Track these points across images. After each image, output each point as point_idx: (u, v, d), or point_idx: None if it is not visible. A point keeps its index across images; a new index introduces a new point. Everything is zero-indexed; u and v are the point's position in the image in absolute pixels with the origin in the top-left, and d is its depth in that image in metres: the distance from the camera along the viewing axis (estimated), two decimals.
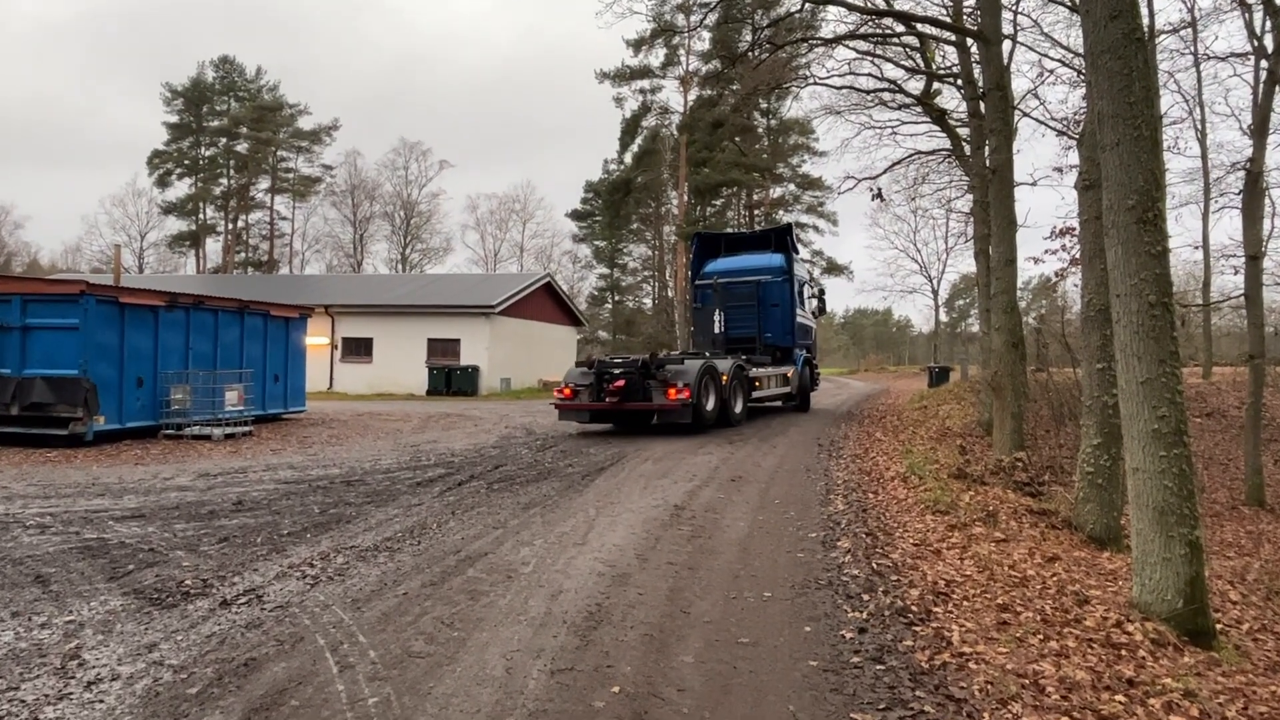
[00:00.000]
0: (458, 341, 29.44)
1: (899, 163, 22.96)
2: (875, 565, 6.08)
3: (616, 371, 14.26)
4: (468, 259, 74.66)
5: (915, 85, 20.14)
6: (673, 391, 13.87)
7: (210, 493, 8.92)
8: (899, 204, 34.73)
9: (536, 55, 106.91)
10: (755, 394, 17.37)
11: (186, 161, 66.74)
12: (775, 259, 19.59)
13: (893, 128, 22.25)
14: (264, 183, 68.33)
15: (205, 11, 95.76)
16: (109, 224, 70.74)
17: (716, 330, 18.85)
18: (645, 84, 52.72)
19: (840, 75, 20.46)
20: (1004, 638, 4.54)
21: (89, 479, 9.86)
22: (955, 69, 17.74)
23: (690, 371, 14.16)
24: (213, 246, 68.61)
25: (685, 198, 53.05)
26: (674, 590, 5.38)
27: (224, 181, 67.44)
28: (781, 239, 20.17)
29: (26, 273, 54.74)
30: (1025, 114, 18.14)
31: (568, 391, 14.69)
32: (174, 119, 66.50)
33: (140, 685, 3.78)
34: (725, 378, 15.28)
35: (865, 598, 5.27)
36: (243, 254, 67.33)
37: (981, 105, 13.69)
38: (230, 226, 67.78)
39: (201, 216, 67.15)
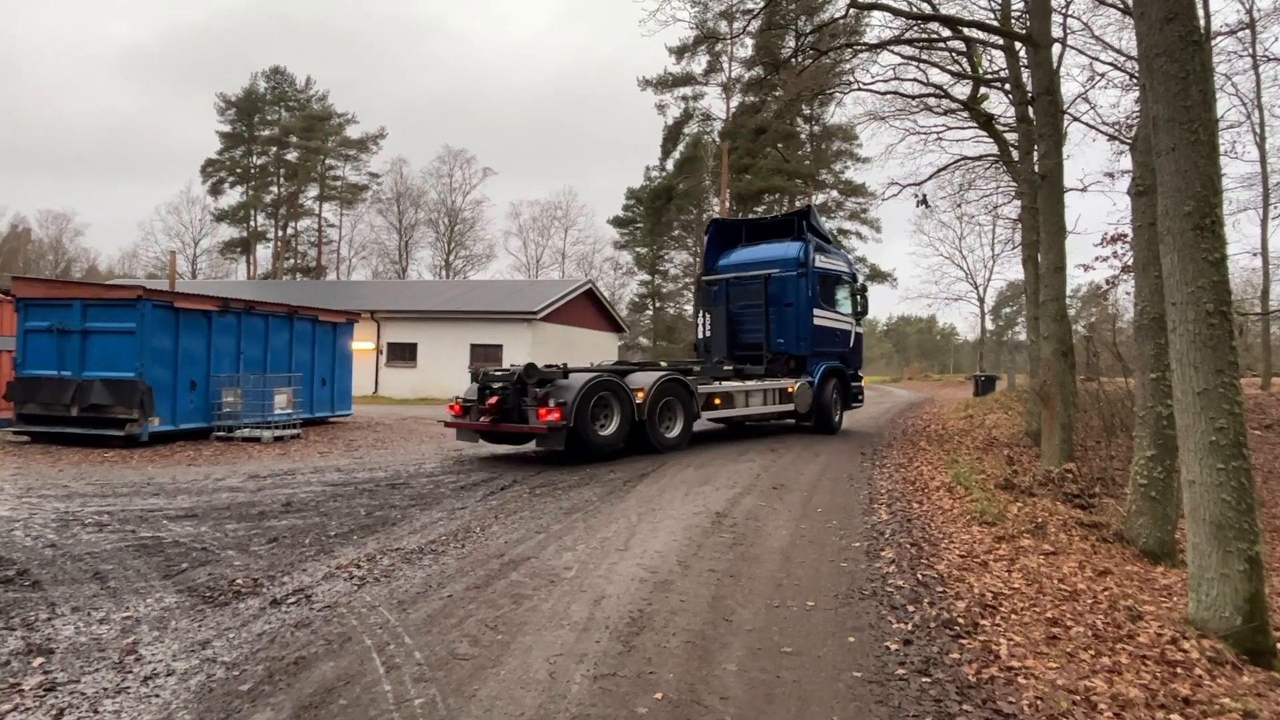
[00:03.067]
0: (500, 347, 29.69)
1: (944, 168, 22.68)
2: (920, 576, 6.00)
3: (495, 386, 12.08)
4: (510, 265, 75.44)
5: (961, 90, 19.90)
6: (543, 412, 11.24)
7: (260, 494, 9.11)
8: (944, 210, 34.22)
9: (584, 70, 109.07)
10: (725, 413, 14.37)
11: (238, 170, 68.45)
12: (790, 249, 16.58)
13: (938, 133, 22.01)
14: (312, 190, 69.74)
15: (280, 34, 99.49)
16: (164, 231, 72.70)
17: (724, 336, 16.75)
18: (687, 91, 52.91)
19: (885, 80, 20.30)
20: (1054, 652, 4.45)
21: (144, 479, 10.13)
22: (1003, 73, 17.48)
23: (570, 388, 11.44)
24: (263, 253, 70.28)
25: (727, 204, 52.92)
26: (716, 598, 5.37)
27: (274, 189, 68.98)
28: (810, 227, 16.92)
29: (85, 278, 56.45)
30: (1075, 118, 17.81)
31: (457, 408, 12.57)
32: (227, 128, 68.28)
33: (194, 681, 3.87)
34: (641, 394, 12.21)
35: (910, 609, 5.20)
36: (292, 260, 68.74)
37: (1030, 110, 13.48)
38: (280, 233, 69.27)
39: (252, 223, 68.79)
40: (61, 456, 12.21)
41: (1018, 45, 14.61)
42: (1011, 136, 18.12)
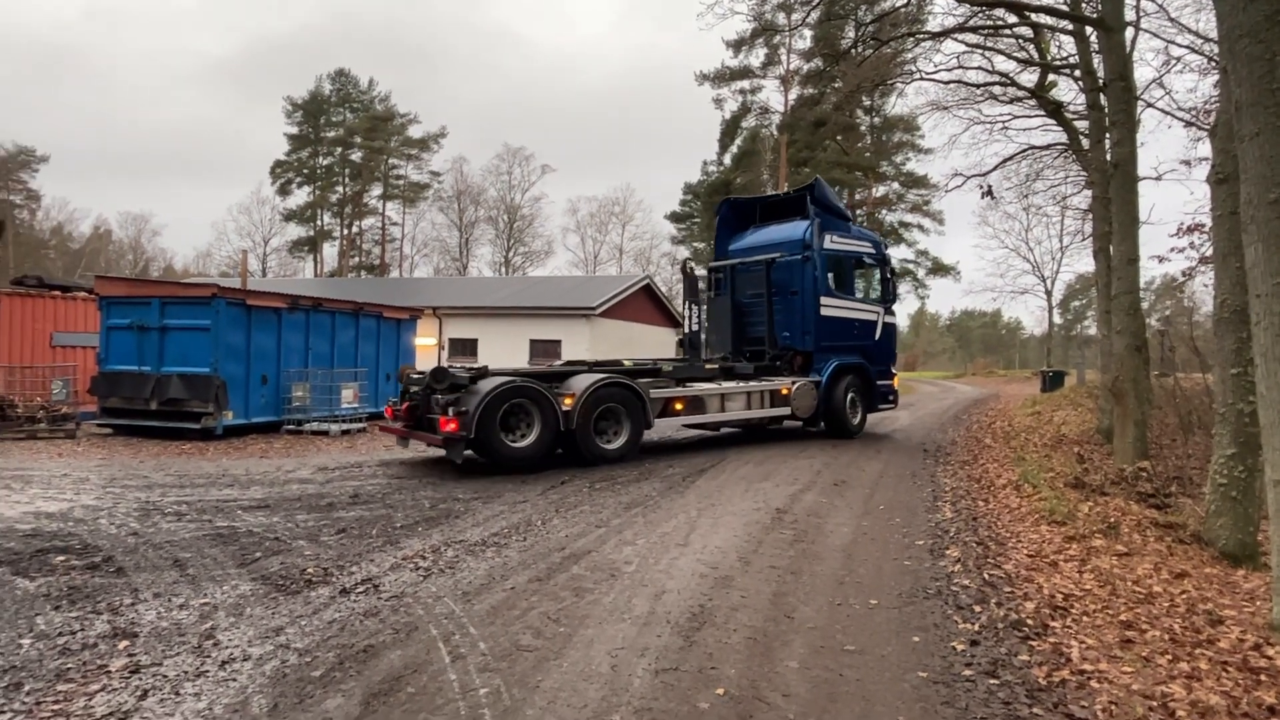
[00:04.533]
0: (559, 343, 29.93)
1: (1011, 158, 22.07)
2: (987, 576, 5.88)
3: (411, 390, 11.32)
4: (568, 261, 75.97)
5: (1028, 78, 19.34)
6: (442, 421, 10.13)
7: (328, 486, 9.36)
8: (1010, 201, 33.28)
9: (642, 68, 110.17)
10: (696, 419, 12.90)
11: (305, 170, 70.31)
12: (795, 230, 14.73)
13: (1004, 122, 21.42)
14: (376, 189, 71.26)
15: (351, 43, 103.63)
16: (236, 230, 75.31)
17: (729, 330, 15.18)
18: (745, 84, 52.44)
19: (948, 70, 19.82)
20: (1128, 656, 4.32)
21: (219, 470, 10.48)
22: (1072, 59, 16.94)
23: (477, 394, 10.18)
24: (329, 251, 72.09)
25: None
26: (777, 594, 5.34)
27: (339, 189, 70.67)
28: (815, 202, 14.73)
29: (163, 277, 58.59)
30: (1149, 105, 17.16)
31: (389, 410, 11.78)
32: (294, 130, 70.17)
33: (269, 666, 4.00)
34: (570, 401, 10.79)
35: (977, 609, 5.10)
36: (357, 258, 70.36)
37: (1101, 97, 13.04)
38: (345, 232, 70.96)
39: (319, 222, 70.62)
40: (142, 448, 12.72)
41: (1088, 30, 14.14)
42: (1081, 124, 17.54)
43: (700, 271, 16.53)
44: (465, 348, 31.41)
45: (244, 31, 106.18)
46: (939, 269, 53.75)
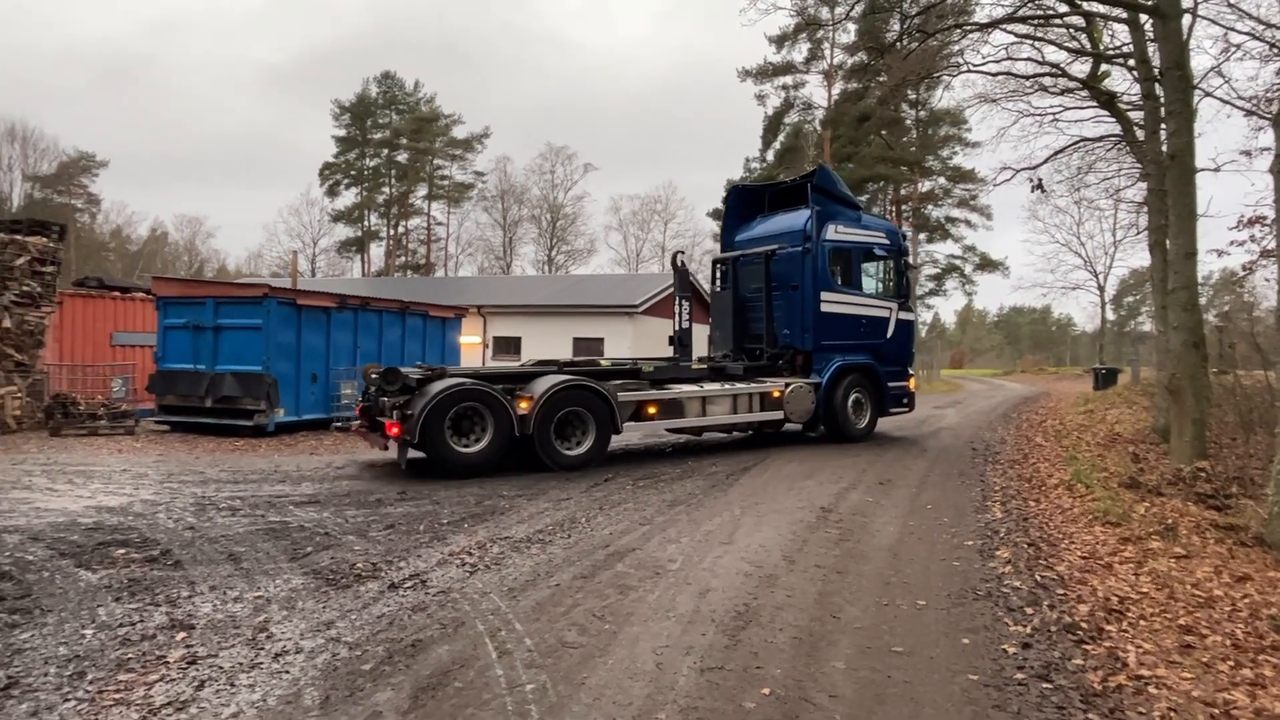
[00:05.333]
0: (601, 341, 30.03)
1: (1061, 151, 21.53)
2: (1039, 578, 5.76)
3: (369, 391, 10.91)
4: (610, 259, 76.16)
5: (1080, 68, 18.87)
6: (388, 424, 9.89)
7: (376, 482, 9.51)
8: (1061, 195, 32.50)
9: (684, 66, 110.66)
10: (677, 423, 12.26)
11: (353, 172, 71.47)
12: (796, 220, 13.84)
13: (1054, 114, 20.90)
14: (422, 190, 72.18)
15: (400, 48, 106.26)
16: (286, 232, 76.85)
17: (730, 327, 14.37)
18: (788, 80, 52.06)
19: (996, 61, 19.41)
20: (1188, 662, 4.20)
21: (271, 466, 10.71)
22: (1126, 48, 16.49)
23: (424, 396, 9.76)
24: (376, 251, 73.18)
25: None
26: (823, 594, 5.29)
27: (386, 190, 71.70)
28: (816, 190, 13.78)
29: (216, 277, 60.02)
30: (1207, 94, 16.59)
31: (359, 408, 11.35)
32: (342, 133, 71.36)
33: (320, 659, 4.08)
34: (526, 404, 10.23)
35: (1029, 611, 5.00)
36: (403, 258, 71.33)
37: (1157, 86, 12.70)
38: (391, 232, 72.00)
39: (366, 223, 71.77)
40: (197, 445, 13.05)
41: (1143, 18, 13.76)
42: (1136, 115, 17.08)
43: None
44: (509, 346, 31.67)
45: (298, 40, 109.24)
46: (987, 264, 52.88)
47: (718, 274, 15.22)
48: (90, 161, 66.26)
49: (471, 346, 29.48)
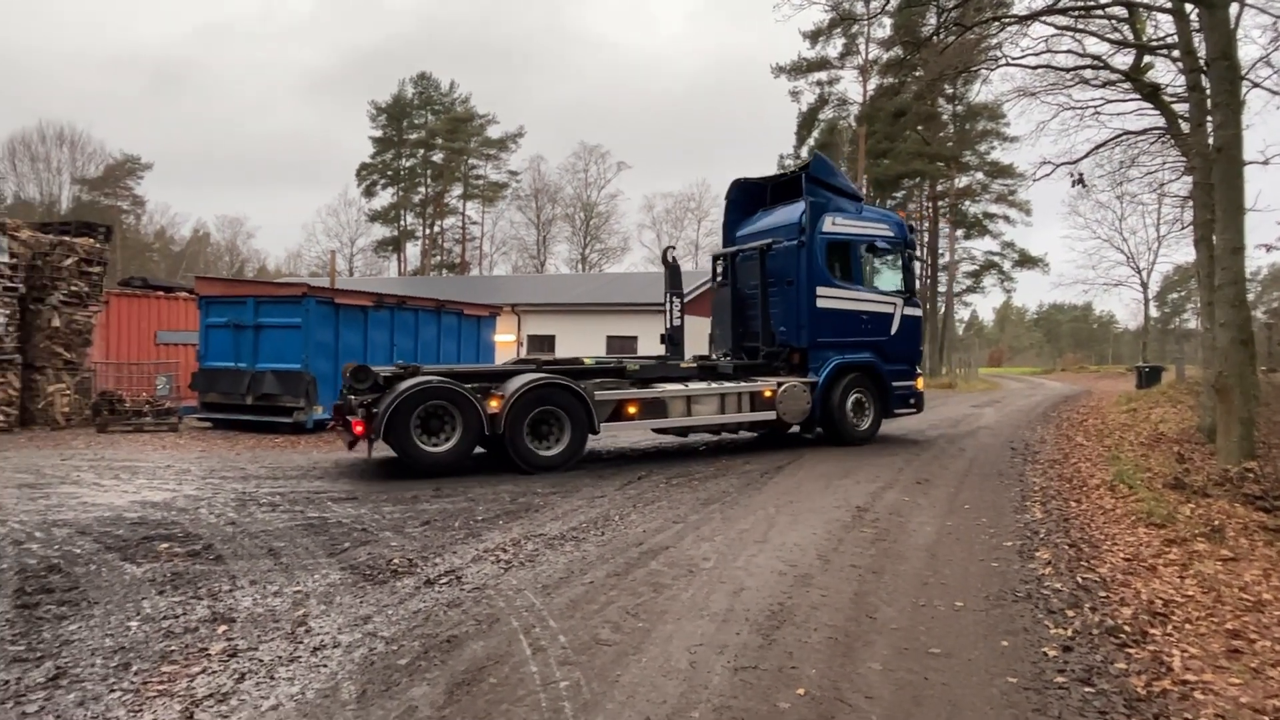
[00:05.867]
0: (635, 339, 30.05)
1: (1103, 145, 21.05)
2: (1080, 579, 5.65)
3: (345, 386, 10.62)
4: (644, 258, 76.18)
5: (1122, 60, 18.46)
6: (354, 421, 9.85)
7: (412, 479, 9.60)
8: (1102, 190, 31.78)
9: (718, 64, 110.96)
10: (661, 423, 11.83)
11: (389, 172, 72.25)
12: (792, 213, 13.22)
13: (1095, 107, 20.46)
14: (457, 189, 72.74)
15: (440, 51, 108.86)
16: (324, 232, 78.05)
17: (729, 325, 13.91)
18: (822, 76, 51.72)
19: (1036, 54, 19.02)
20: (1236, 667, 4.09)
21: (310, 463, 10.87)
22: (1170, 39, 16.09)
23: (391, 394, 9.66)
24: (412, 250, 73.98)
25: (864, 191, 51.51)
26: (858, 594, 5.24)
27: (421, 190, 72.39)
28: (812, 181, 13.17)
29: (257, 277, 61.07)
30: (1256, 84, 16.12)
31: (335, 406, 11.32)
32: (378, 134, 72.17)
33: (358, 654, 4.12)
34: (497, 403, 10.06)
35: (1069, 613, 4.91)
36: (438, 257, 71.98)
37: (1203, 77, 12.38)
38: (427, 231, 72.70)
39: (402, 223, 72.53)
40: (239, 441, 13.29)
41: (1188, 7, 13.44)
42: (1181, 107, 16.66)
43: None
44: (543, 344, 31.82)
45: (341, 43, 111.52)
46: (1026, 261, 52.05)
47: (717, 270, 14.90)
48: (135, 164, 67.73)
49: (506, 345, 29.67)
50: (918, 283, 13.46)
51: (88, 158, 63.91)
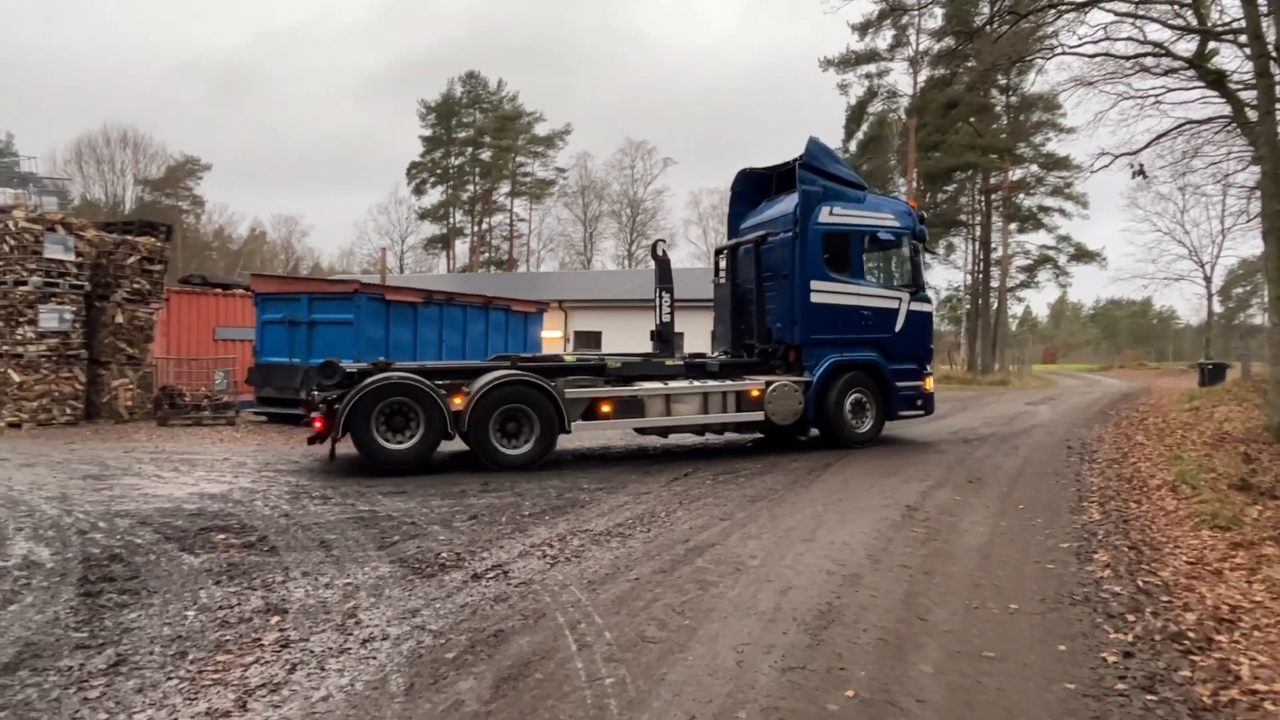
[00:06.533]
0: (682, 335, 29.96)
1: (1165, 135, 20.38)
2: (1141, 583, 5.47)
3: (314, 383, 10.40)
4: (690, 254, 76.00)
5: (1185, 46, 17.83)
6: (315, 418, 9.76)
7: (460, 473, 9.70)
8: (1164, 181, 30.81)
9: (766, 60, 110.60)
10: (640, 423, 11.36)
11: (438, 171, 73.13)
12: (790, 203, 12.50)
13: (1156, 96, 19.79)
14: (504, 187, 73.37)
15: (491, 53, 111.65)
16: (376, 230, 79.02)
17: (729, 321, 13.49)
18: (871, 68, 50.77)
19: (1094, 42, 18.51)
20: None
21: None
22: (1237, 24, 15.51)
23: (354, 390, 9.61)
24: (460, 247, 74.79)
25: (915, 184, 50.62)
26: (909, 595, 5.15)
27: (470, 187, 73.14)
28: (806, 169, 12.30)
29: (311, 274, 62.33)
30: None
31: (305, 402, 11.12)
32: (428, 133, 73.11)
33: (406, 646, 4.17)
34: (461, 400, 9.91)
35: (1130, 618, 4.75)
36: (486, 254, 72.67)
37: (1272, 64, 11.91)
38: (475, 229, 73.44)
39: (451, 220, 73.37)
40: (293, 435, 13.55)
41: None
42: (1248, 95, 16.05)
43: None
44: (590, 340, 31.94)
45: (395, 47, 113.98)
46: (1082, 255, 50.59)
47: (720, 265, 14.26)
48: (195, 165, 69.51)
49: (553, 341, 29.85)
50: (921, 276, 12.78)
51: (150, 159, 65.79)
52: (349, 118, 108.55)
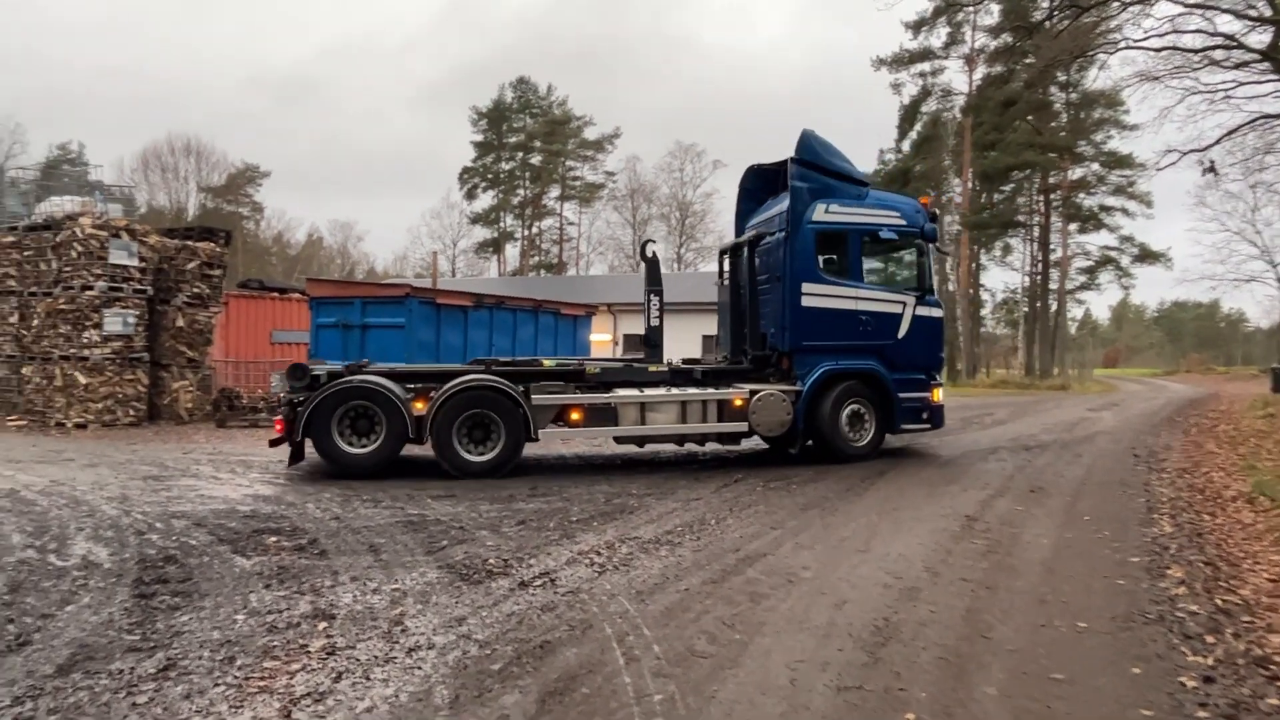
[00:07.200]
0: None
1: (1236, 130, 19.67)
2: (1219, 602, 5.18)
3: (287, 385, 10.30)
4: None
5: (1258, 38, 17.17)
6: (277, 421, 9.77)
7: (508, 477, 9.68)
8: (1234, 179, 29.68)
9: (818, 64, 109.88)
10: (617, 432, 10.72)
11: (489, 175, 73.92)
12: (786, 202, 11.56)
13: (1227, 90, 19.08)
14: (554, 191, 73.85)
15: (544, 62, 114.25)
16: (428, 234, 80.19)
17: (727, 325, 12.82)
18: (925, 67, 49.96)
19: (1160, 35, 17.93)
20: None
21: (410, 459, 11.09)
22: None
23: (315, 393, 9.55)
24: (511, 251, 75.48)
25: (970, 184, 49.63)
26: (970, 610, 4.94)
27: (520, 192, 73.77)
28: (798, 164, 11.52)
29: (366, 279, 63.43)
30: None
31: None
32: (479, 138, 73.96)
33: (451, 656, 4.10)
34: (422, 405, 9.78)
35: (1209, 640, 4.48)
36: (536, 257, 73.20)
37: None
38: (525, 232, 74.03)
39: (502, 224, 74.10)
40: None
41: None
42: None
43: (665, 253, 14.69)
44: (639, 343, 31.89)
45: (451, 56, 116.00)
46: (1146, 256, 48.94)
47: (723, 267, 13.53)
48: (255, 172, 71.35)
49: (602, 344, 29.87)
50: (928, 278, 11.76)
51: (211, 167, 67.75)
52: (406, 125, 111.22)
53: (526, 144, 72.46)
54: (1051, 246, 50.41)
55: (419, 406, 9.77)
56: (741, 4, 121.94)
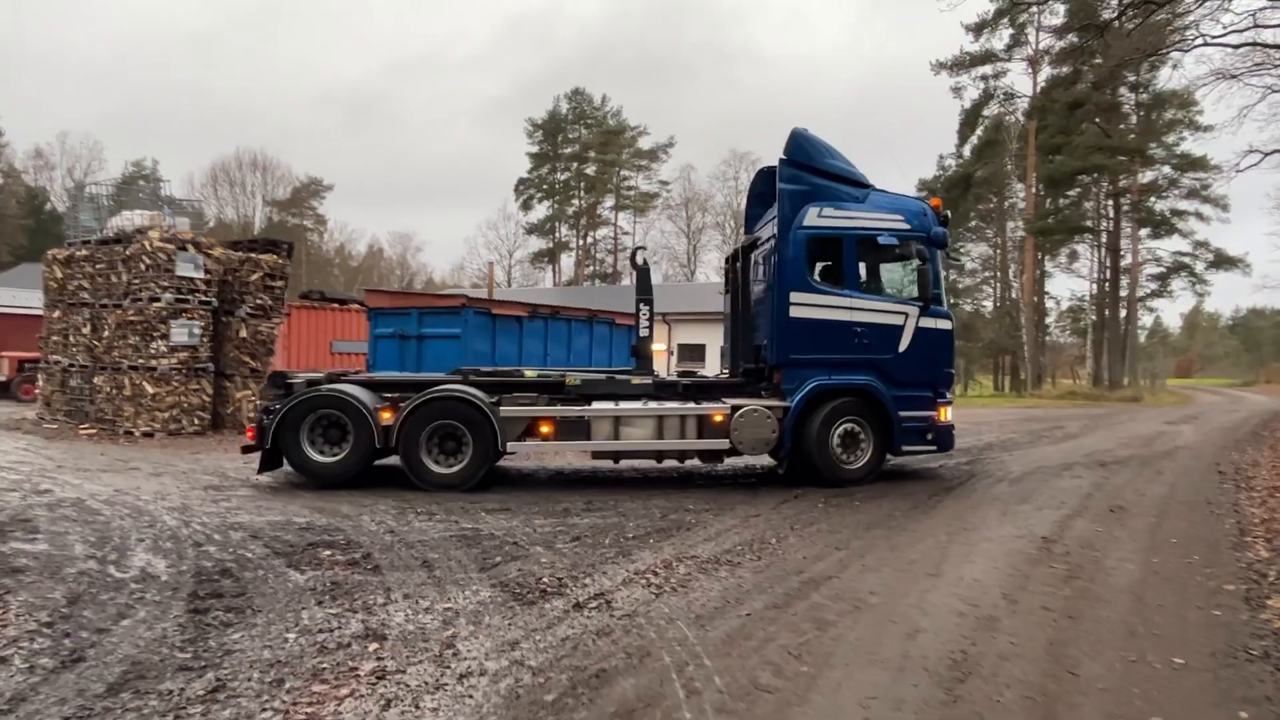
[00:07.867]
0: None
1: None
2: None
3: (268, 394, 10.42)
4: None
5: None
6: (248, 428, 9.87)
7: (562, 489, 9.55)
8: None
9: (880, 70, 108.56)
10: (588, 446, 10.15)
11: (545, 186, 74.61)
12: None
13: None
14: (609, 201, 74.10)
15: (602, 73, 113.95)
16: (485, 245, 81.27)
17: (729, 336, 12.34)
18: (987, 69, 48.84)
19: (1239, 31, 17.08)
20: None
21: None
22: None
23: (285, 401, 9.60)
24: (566, 261, 75.99)
25: (1034, 189, 48.27)
26: (1054, 643, 4.61)
27: (575, 202, 74.22)
28: (788, 165, 10.65)
29: (424, 289, 64.43)
30: None
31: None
32: (535, 149, 74.68)
33: (504, 684, 3.94)
34: (389, 415, 9.61)
35: None
36: (591, 267, 73.50)
37: None
38: (580, 243, 74.47)
39: (557, 235, 74.62)
40: None
41: None
42: None
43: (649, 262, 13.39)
44: (693, 353, 31.66)
45: (511, 69, 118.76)
46: (1222, 262, 46.96)
47: (727, 273, 12.77)
48: (319, 186, 73.23)
49: (657, 354, 29.68)
50: (934, 286, 10.59)
51: (277, 181, 69.73)
52: (465, 139, 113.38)
53: (581, 154, 72.93)
54: (1121, 252, 48.76)
55: (386, 416, 9.66)
56: (800, 11, 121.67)
